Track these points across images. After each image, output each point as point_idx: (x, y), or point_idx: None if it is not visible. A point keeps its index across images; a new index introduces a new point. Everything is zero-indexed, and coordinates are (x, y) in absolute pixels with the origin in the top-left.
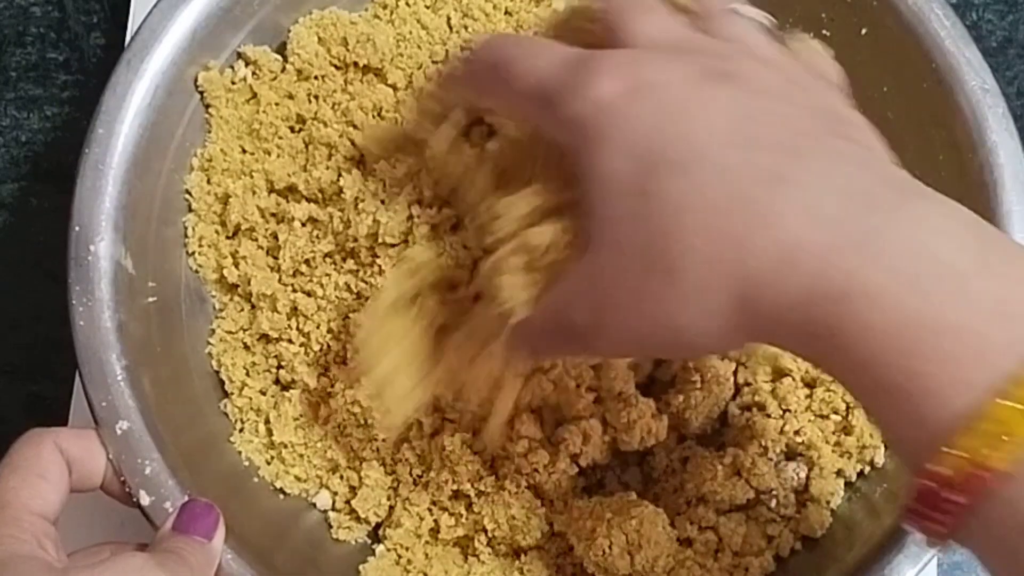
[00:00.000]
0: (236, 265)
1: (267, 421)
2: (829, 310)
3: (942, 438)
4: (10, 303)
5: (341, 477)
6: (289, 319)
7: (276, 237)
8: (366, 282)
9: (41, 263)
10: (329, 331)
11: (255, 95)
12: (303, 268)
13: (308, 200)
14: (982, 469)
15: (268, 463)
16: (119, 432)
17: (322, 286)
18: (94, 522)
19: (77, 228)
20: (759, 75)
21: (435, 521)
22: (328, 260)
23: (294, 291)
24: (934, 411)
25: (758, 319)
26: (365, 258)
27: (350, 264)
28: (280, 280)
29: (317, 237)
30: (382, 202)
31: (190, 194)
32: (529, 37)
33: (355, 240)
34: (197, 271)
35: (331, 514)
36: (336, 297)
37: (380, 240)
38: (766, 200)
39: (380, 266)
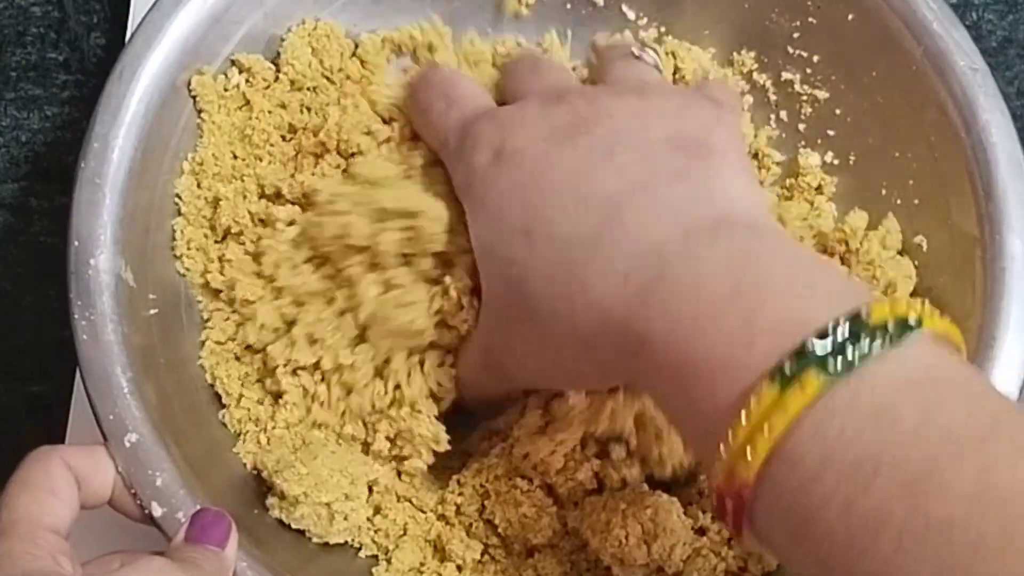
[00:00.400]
0: (222, 271)
1: (265, 430)
2: (634, 359)
3: (711, 454)
4: (10, 303)
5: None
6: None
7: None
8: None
9: (41, 263)
10: None
11: (248, 102)
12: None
13: (292, 203)
14: (736, 478)
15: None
16: (128, 445)
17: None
18: (108, 535)
19: (76, 243)
20: (618, 120)
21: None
22: (308, 265)
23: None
24: (706, 432)
25: (603, 367)
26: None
27: (327, 269)
28: (264, 287)
29: (299, 243)
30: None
31: (180, 198)
32: (451, 77)
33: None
34: (184, 275)
35: None
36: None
37: (347, 243)
38: (583, 264)
39: (349, 275)
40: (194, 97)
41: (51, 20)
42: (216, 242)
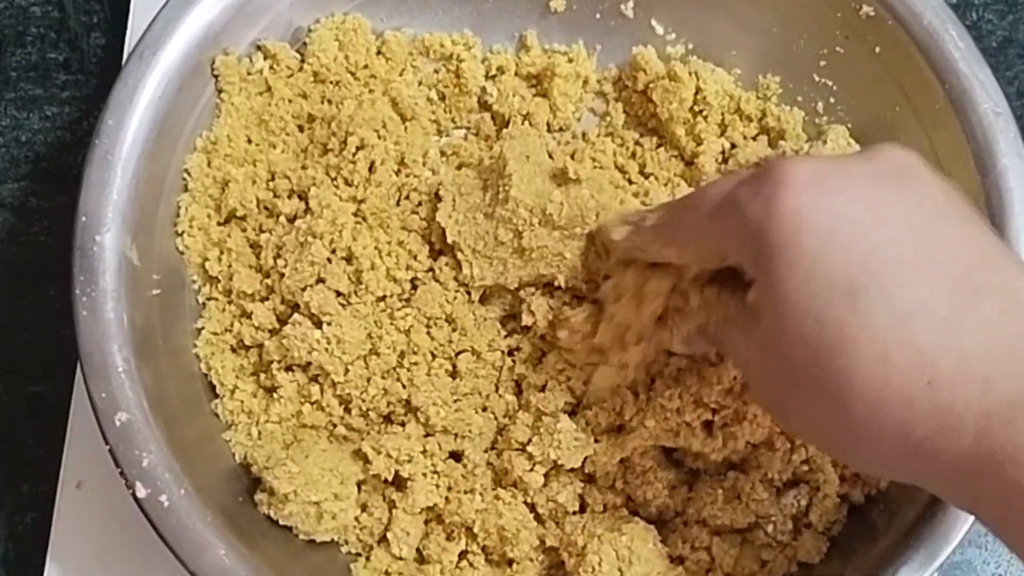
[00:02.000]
0: (221, 257)
1: (258, 423)
2: (985, 472)
3: None
4: (10, 303)
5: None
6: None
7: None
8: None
9: (41, 263)
10: None
11: (269, 88)
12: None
13: (300, 197)
14: None
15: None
16: (118, 424)
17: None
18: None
19: (84, 219)
20: (929, 186)
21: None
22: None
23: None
24: None
25: (918, 474)
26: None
27: None
28: (261, 282)
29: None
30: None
31: (188, 174)
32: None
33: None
34: (183, 252)
35: None
36: None
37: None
38: (931, 354)
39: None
40: (216, 76)
41: (51, 20)
42: (219, 224)
